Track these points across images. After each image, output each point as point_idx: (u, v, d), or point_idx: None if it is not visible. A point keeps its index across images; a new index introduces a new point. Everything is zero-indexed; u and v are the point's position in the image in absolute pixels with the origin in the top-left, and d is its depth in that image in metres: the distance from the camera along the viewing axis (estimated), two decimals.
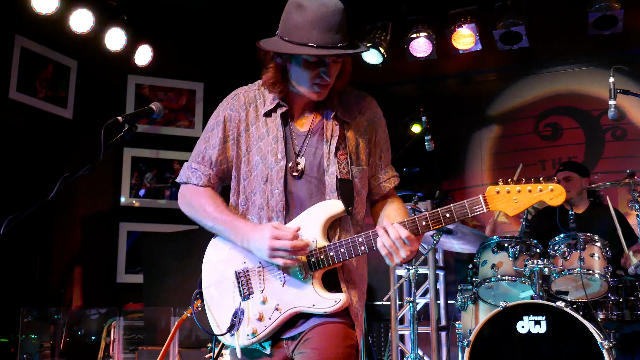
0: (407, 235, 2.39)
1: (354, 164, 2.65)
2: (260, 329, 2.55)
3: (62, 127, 7.17)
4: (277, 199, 2.60)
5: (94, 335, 6.17)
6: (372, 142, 2.75)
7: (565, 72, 7.54)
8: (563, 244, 4.99)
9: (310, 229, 2.54)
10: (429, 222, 2.44)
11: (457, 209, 2.42)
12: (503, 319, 4.53)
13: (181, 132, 7.90)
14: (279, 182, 2.60)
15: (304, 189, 2.62)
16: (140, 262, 7.24)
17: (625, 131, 7.21)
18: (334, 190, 2.59)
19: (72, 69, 7.31)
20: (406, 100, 7.98)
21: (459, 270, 7.18)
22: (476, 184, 7.74)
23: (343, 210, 2.55)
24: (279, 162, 2.61)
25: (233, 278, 2.64)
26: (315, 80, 2.55)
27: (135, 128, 2.62)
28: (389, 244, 2.41)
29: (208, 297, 2.71)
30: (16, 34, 6.68)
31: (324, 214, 2.55)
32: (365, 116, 2.74)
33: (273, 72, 2.62)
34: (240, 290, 2.62)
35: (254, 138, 2.68)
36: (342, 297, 2.50)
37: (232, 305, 2.63)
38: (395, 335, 6.28)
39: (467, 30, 7.36)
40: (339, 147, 2.63)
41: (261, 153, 2.65)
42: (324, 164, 2.62)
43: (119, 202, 7.60)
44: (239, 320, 2.58)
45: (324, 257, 2.50)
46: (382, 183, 2.79)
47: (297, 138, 2.68)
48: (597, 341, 4.22)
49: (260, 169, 2.64)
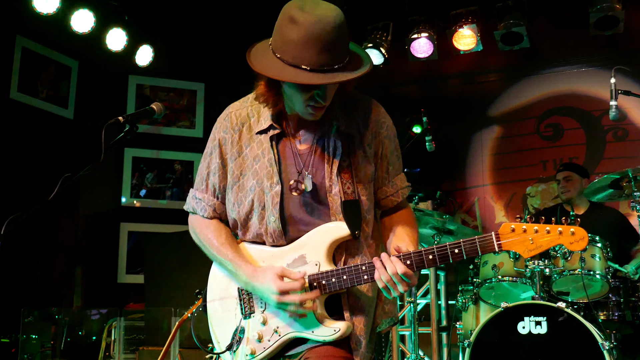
0: (404, 272, 2.30)
1: (360, 182, 2.51)
2: (259, 350, 2.52)
3: (63, 127, 7.17)
4: (274, 226, 2.49)
5: (95, 335, 6.17)
6: (378, 156, 2.58)
7: (567, 72, 7.53)
8: None
9: (314, 251, 2.47)
10: (435, 257, 2.33)
11: (466, 245, 2.31)
12: (504, 319, 4.52)
13: (182, 133, 7.91)
14: (274, 208, 2.48)
15: (303, 210, 2.50)
16: (141, 263, 7.24)
17: (626, 132, 7.20)
18: (338, 212, 2.46)
19: (73, 69, 7.32)
20: (407, 101, 7.98)
21: (459, 271, 7.16)
22: (477, 185, 7.74)
23: (348, 234, 2.44)
24: (274, 187, 2.49)
25: (236, 295, 2.60)
26: (310, 102, 2.36)
27: (136, 128, 2.60)
28: (386, 279, 2.32)
29: (211, 312, 2.69)
30: (17, 34, 6.70)
31: (328, 237, 2.46)
32: (371, 128, 2.55)
33: (265, 89, 2.42)
34: (241, 308, 2.58)
35: (249, 161, 2.55)
36: (341, 327, 2.42)
37: (233, 322, 2.60)
38: (396, 335, 6.27)
39: (468, 31, 7.36)
40: (342, 166, 2.48)
41: (257, 177, 2.52)
42: (326, 185, 2.48)
43: (120, 203, 7.61)
44: (239, 339, 2.55)
45: (326, 283, 2.42)
46: (390, 197, 2.64)
47: (298, 157, 2.53)
48: (598, 342, 4.22)
49: (256, 193, 2.52)
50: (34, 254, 6.69)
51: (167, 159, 7.81)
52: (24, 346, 5.91)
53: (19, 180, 6.47)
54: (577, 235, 2.20)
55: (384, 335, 6.85)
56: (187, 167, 7.84)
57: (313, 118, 2.44)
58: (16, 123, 6.65)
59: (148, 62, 7.41)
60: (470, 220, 7.65)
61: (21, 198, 6.22)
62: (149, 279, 6.50)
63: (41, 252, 6.83)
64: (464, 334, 5.42)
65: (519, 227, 2.25)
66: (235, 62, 2.59)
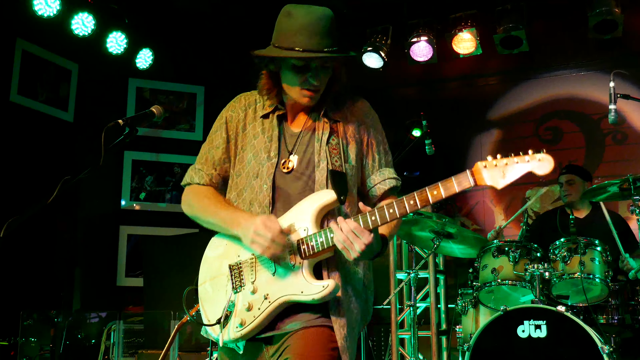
0: (354, 227, 2.38)
1: (346, 161, 2.66)
2: (249, 319, 2.54)
3: (62, 130, 7.18)
4: (265, 193, 2.63)
5: (94, 338, 6.16)
6: (364, 143, 2.75)
7: (566, 76, 7.55)
8: (563, 248, 4.98)
9: (302, 218, 2.55)
10: (416, 201, 2.40)
11: (444, 185, 2.39)
12: (503, 323, 4.52)
13: (182, 136, 7.91)
14: (268, 178, 2.64)
15: (293, 185, 2.65)
16: (140, 266, 7.24)
17: (625, 135, 7.21)
18: (323, 185, 2.60)
19: (73, 72, 7.33)
20: (407, 104, 7.99)
21: (459, 274, 7.17)
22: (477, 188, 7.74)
23: (335, 199, 2.54)
24: (270, 159, 2.67)
25: (227, 272, 2.66)
26: (304, 85, 2.61)
27: (135, 131, 2.62)
28: (342, 239, 2.40)
29: (202, 294, 2.73)
30: (18, 37, 6.71)
31: (316, 203, 2.55)
32: (356, 116, 2.76)
33: (265, 79, 2.71)
34: (232, 283, 2.63)
35: (249, 137, 2.75)
36: (330, 283, 2.47)
37: (224, 299, 2.63)
38: (395, 339, 6.26)
39: (467, 35, 7.37)
40: (331, 143, 2.66)
41: (254, 150, 2.71)
42: (315, 160, 2.65)
43: (119, 205, 7.61)
44: (229, 313, 2.58)
45: (314, 244, 2.48)
46: (377, 185, 2.74)
47: (290, 137, 2.73)
48: (598, 345, 4.21)
49: (252, 166, 2.70)
50: (33, 256, 6.68)
51: (166, 162, 7.81)
52: (23, 349, 5.90)
53: (18, 182, 6.47)
54: (544, 160, 2.29)
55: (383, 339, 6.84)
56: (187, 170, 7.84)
57: (308, 102, 2.66)
58: (16, 126, 6.66)
59: (148, 65, 7.42)
60: (470, 224, 7.66)
61: (21, 200, 6.22)
62: (148, 282, 6.49)
63: (40, 254, 6.83)
64: (463, 338, 5.41)
65: (490, 163, 2.35)
66: (235, 65, 2.63)
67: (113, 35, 7.01)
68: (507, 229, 7.43)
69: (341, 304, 2.55)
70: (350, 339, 2.54)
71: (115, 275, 7.43)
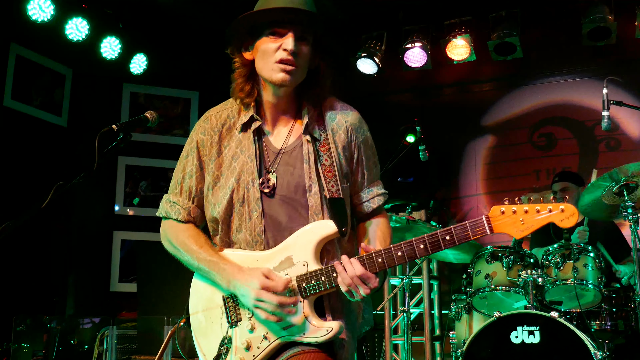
0: (362, 274, 2.27)
1: (341, 184, 2.48)
2: (249, 358, 2.42)
3: (56, 135, 7.16)
4: (256, 221, 2.46)
5: (87, 344, 6.14)
6: (353, 160, 2.57)
7: (560, 82, 7.58)
8: (557, 254, 5.00)
9: (300, 251, 2.40)
10: (427, 246, 2.27)
11: (457, 231, 2.26)
12: (497, 329, 4.52)
13: (176, 141, 7.90)
14: (256, 203, 2.45)
15: (282, 212, 2.47)
16: (134, 271, 7.22)
17: (619, 142, 7.24)
18: (319, 212, 2.43)
19: (67, 77, 7.31)
20: (401, 110, 8.01)
21: (453, 280, 7.17)
22: (471, 194, 7.76)
23: (336, 231, 2.39)
24: (254, 183, 2.47)
25: (221, 304, 2.50)
26: (278, 57, 2.39)
27: (130, 136, 2.59)
28: (347, 283, 2.29)
29: (195, 325, 2.58)
30: (12, 41, 6.69)
31: (315, 236, 2.40)
32: (347, 131, 2.55)
33: (239, 64, 2.54)
34: (227, 317, 2.48)
35: (227, 160, 2.53)
36: (334, 326, 2.35)
37: (219, 333, 2.49)
38: (389, 345, 6.26)
39: (461, 41, 7.40)
40: (325, 165, 2.46)
41: (235, 173, 2.50)
42: (306, 184, 2.45)
43: (113, 211, 7.59)
44: (226, 349, 2.45)
45: (316, 283, 2.35)
46: (365, 202, 2.61)
47: (270, 155, 2.53)
48: (591, 351, 4.22)
49: (235, 191, 2.48)
50: (26, 261, 6.66)
51: (160, 167, 7.80)
52: (16, 355, 5.87)
53: (12, 187, 6.45)
54: (567, 211, 2.19)
55: (377, 344, 6.84)
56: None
57: (283, 79, 2.42)
58: (10, 130, 6.64)
59: (142, 71, 7.41)
60: None
61: (14, 206, 6.20)
62: (141, 288, 6.47)
63: (34, 259, 6.80)
64: (457, 344, 5.42)
65: (508, 209, 2.25)
66: (230, 70, 2.59)
67: (107, 40, 7.00)
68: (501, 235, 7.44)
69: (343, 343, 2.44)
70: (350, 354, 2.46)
71: (109, 281, 7.41)
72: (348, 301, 2.48)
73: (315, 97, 2.56)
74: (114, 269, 7.45)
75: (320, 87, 2.55)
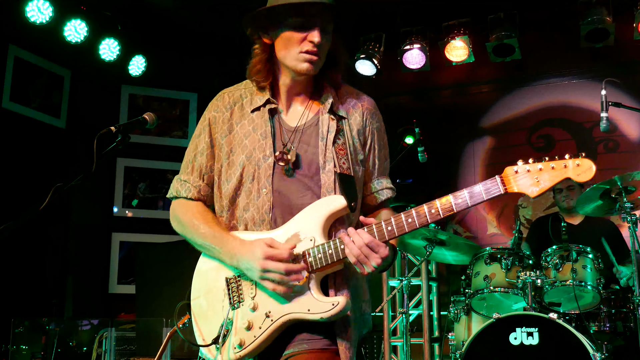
0: (369, 241, 2.19)
1: (353, 164, 2.44)
2: (249, 339, 2.31)
3: (55, 136, 7.16)
4: (265, 199, 2.40)
5: (86, 346, 6.13)
6: (367, 145, 2.54)
7: (558, 84, 7.58)
8: (555, 256, 5.00)
9: (307, 226, 2.32)
10: (438, 210, 2.20)
11: (471, 193, 2.19)
12: (496, 330, 4.52)
13: (175, 143, 7.90)
14: (267, 180, 2.40)
15: (294, 189, 2.41)
16: (132, 273, 7.21)
17: (617, 143, 7.24)
18: (331, 190, 2.37)
19: (66, 78, 7.31)
20: (399, 112, 8.00)
21: (451, 282, 7.18)
22: None
23: (345, 205, 2.31)
24: (267, 159, 2.42)
25: (223, 286, 2.42)
26: (304, 47, 2.40)
27: (128, 138, 2.57)
28: (356, 253, 2.20)
29: (196, 309, 2.49)
30: (10, 43, 6.69)
31: (324, 210, 2.32)
32: (362, 115, 2.54)
33: (259, 50, 2.51)
34: (230, 298, 2.39)
35: (239, 137, 2.50)
36: (340, 300, 2.24)
37: (220, 315, 2.39)
38: (388, 346, 6.26)
39: (460, 42, 7.40)
40: (337, 143, 2.43)
41: (247, 151, 2.46)
42: (320, 162, 2.41)
43: (111, 212, 7.59)
44: (227, 332, 2.34)
45: (323, 256, 2.27)
46: (375, 193, 2.55)
47: (286, 133, 2.49)
48: (590, 353, 4.22)
49: (246, 168, 2.44)
50: (24, 263, 6.65)
51: (159, 169, 7.79)
52: (14, 357, 5.86)
53: (10, 189, 6.45)
54: (583, 165, 2.08)
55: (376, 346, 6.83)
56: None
57: (307, 69, 2.43)
58: (8, 132, 6.64)
59: (141, 72, 7.42)
60: (462, 231, 7.66)
61: (12, 207, 6.19)
62: (140, 289, 6.45)
63: (32, 261, 6.80)
64: (456, 345, 5.42)
65: (522, 168, 2.16)
66: (228, 72, 2.60)
67: (106, 42, 7.01)
68: (499, 236, 7.46)
69: (349, 323, 2.34)
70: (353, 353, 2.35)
71: (108, 283, 7.40)
72: (354, 285, 2.41)
73: (333, 79, 2.57)
74: (112, 270, 7.45)
75: (336, 67, 2.56)
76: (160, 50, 7.60)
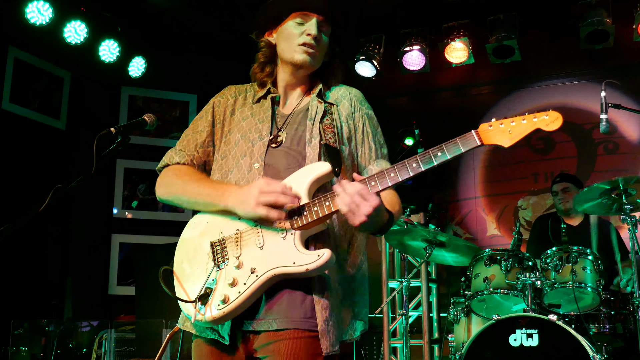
0: (359, 189, 2.22)
1: (340, 142, 2.55)
2: (233, 295, 2.31)
3: (54, 138, 7.16)
4: (255, 172, 2.50)
5: (85, 347, 6.13)
6: (359, 130, 2.65)
7: (557, 85, 7.59)
8: (555, 257, 5.00)
9: (294, 189, 2.36)
10: (419, 164, 2.30)
11: (449, 146, 2.33)
12: (495, 332, 4.52)
13: (174, 144, 7.87)
14: (260, 157, 2.52)
15: (282, 161, 2.51)
16: (132, 274, 7.21)
17: (617, 145, 7.25)
18: (315, 161, 2.47)
19: (66, 80, 7.31)
20: (399, 113, 8.01)
21: (451, 283, 7.18)
22: (469, 197, 7.76)
23: (330, 170, 2.38)
24: (262, 139, 2.57)
25: (208, 250, 2.45)
26: (303, 39, 2.59)
27: (128, 139, 2.58)
28: (347, 202, 2.22)
29: (179, 273, 2.52)
30: (10, 44, 6.70)
31: (310, 174, 2.39)
32: (351, 102, 2.68)
33: (264, 47, 2.71)
34: (214, 259, 2.41)
35: (237, 120, 2.68)
36: (325, 252, 2.27)
37: (204, 276, 2.41)
38: (387, 348, 6.26)
39: (460, 44, 7.41)
40: (325, 122, 2.56)
41: (242, 131, 2.62)
42: (306, 137, 2.53)
43: (111, 214, 7.58)
44: (209, 290, 2.36)
45: (307, 213, 2.32)
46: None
47: (280, 118, 2.65)
48: (589, 354, 4.22)
49: (240, 146, 2.58)
50: (24, 265, 6.65)
51: None
52: (14, 358, 5.86)
53: (9, 191, 6.45)
54: (551, 116, 2.31)
55: (376, 347, 6.83)
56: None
57: (305, 60, 2.60)
58: (8, 133, 6.64)
59: (141, 74, 7.42)
60: (462, 232, 7.67)
61: (12, 209, 6.20)
62: (140, 291, 6.46)
63: (32, 263, 6.79)
64: (455, 347, 5.41)
65: (496, 124, 2.35)
66: (228, 73, 2.64)
67: (106, 44, 7.00)
68: (499, 238, 7.46)
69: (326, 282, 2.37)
70: (332, 323, 2.35)
71: (107, 284, 7.40)
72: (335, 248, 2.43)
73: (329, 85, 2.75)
74: (112, 272, 7.44)
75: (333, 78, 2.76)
76: (160, 52, 7.60)
